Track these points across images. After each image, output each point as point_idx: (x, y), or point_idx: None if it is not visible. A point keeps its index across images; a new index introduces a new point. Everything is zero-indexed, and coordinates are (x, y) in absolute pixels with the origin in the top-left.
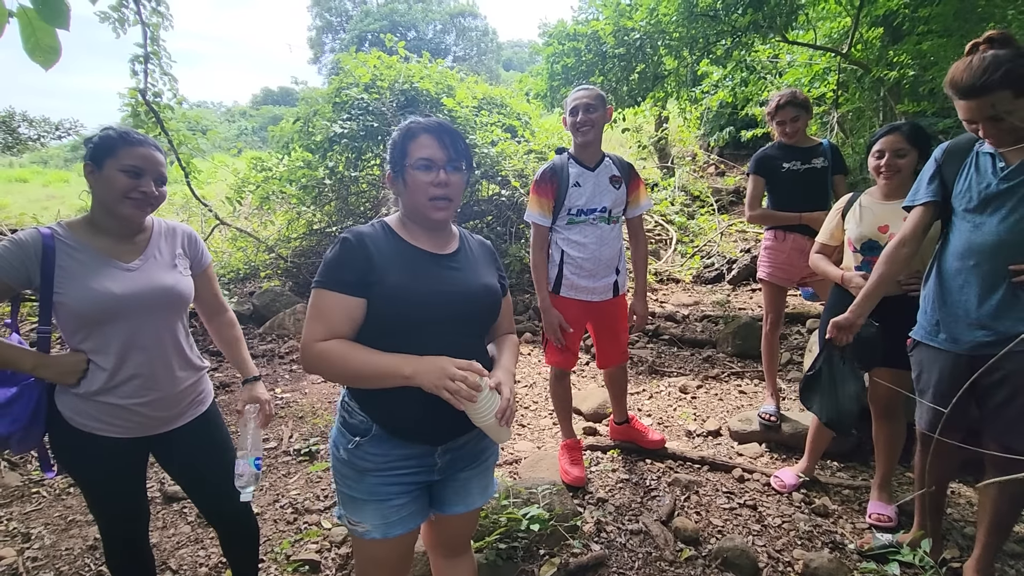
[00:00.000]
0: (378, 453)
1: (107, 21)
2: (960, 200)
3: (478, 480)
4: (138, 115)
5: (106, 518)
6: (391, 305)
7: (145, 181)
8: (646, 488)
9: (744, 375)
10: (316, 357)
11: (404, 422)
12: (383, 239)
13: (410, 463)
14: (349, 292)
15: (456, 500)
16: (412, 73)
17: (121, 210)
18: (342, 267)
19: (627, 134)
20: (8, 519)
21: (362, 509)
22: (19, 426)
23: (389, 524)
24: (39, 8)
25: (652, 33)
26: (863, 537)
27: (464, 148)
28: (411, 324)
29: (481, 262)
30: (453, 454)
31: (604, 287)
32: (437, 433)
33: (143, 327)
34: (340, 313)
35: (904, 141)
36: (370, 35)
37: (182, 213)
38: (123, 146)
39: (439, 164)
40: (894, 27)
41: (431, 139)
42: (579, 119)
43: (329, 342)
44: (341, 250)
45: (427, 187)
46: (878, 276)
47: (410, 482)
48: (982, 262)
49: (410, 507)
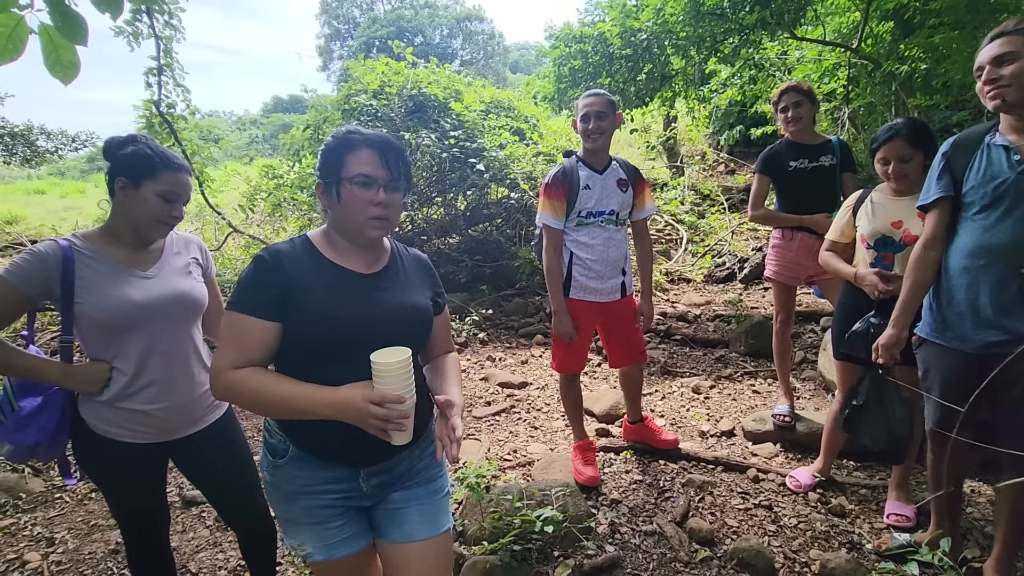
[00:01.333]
0: (300, 475)
1: (122, 35)
2: (970, 195)
3: (420, 508)
4: (152, 126)
5: (127, 522)
6: (311, 331)
7: (178, 207)
8: (660, 489)
9: (757, 375)
10: (226, 386)
11: (320, 443)
12: (304, 257)
13: (338, 486)
14: (263, 316)
15: (391, 528)
16: (420, 78)
17: (151, 233)
18: (255, 289)
19: (636, 134)
20: (32, 524)
21: (298, 531)
22: (46, 434)
23: (330, 546)
24: (59, 26)
25: (659, 33)
26: (881, 537)
27: (405, 167)
28: (334, 349)
29: (414, 279)
30: (380, 478)
31: (612, 288)
32: (355, 454)
33: (162, 333)
34: (254, 338)
35: (907, 145)
36: (378, 41)
37: (196, 221)
38: (164, 171)
39: (379, 182)
40: (905, 20)
41: (373, 155)
42: (591, 126)
43: (241, 371)
44: (255, 271)
45: (366, 205)
46: (910, 284)
47: (341, 505)
48: (994, 261)
49: (349, 528)
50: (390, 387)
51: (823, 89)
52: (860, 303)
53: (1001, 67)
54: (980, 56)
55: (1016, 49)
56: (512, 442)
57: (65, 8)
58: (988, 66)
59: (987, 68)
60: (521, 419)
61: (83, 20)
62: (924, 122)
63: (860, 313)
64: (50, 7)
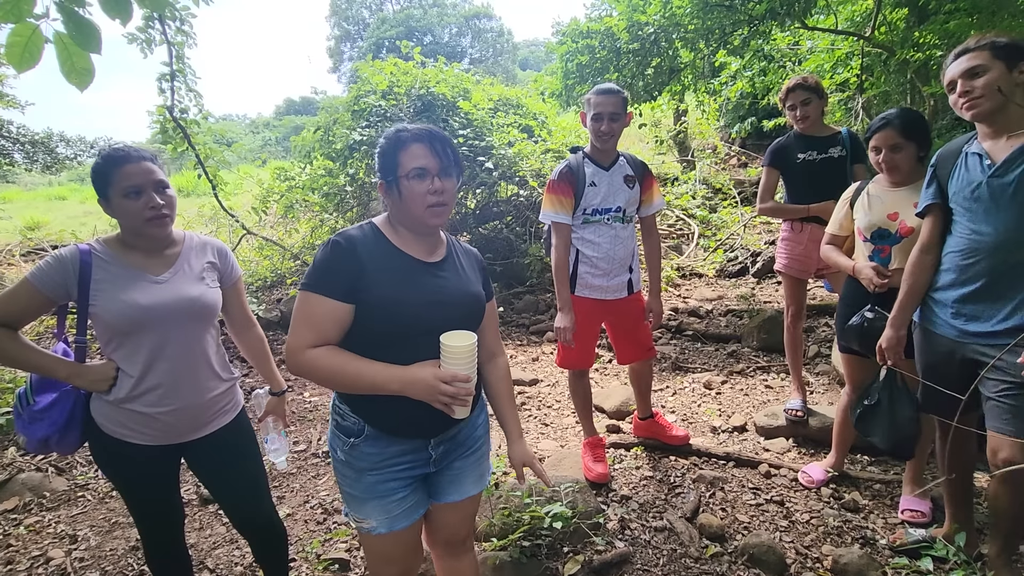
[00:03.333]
0: (374, 452)
1: (135, 42)
2: (953, 200)
3: (472, 468)
4: (166, 131)
5: (143, 520)
6: (380, 314)
7: (148, 196)
8: (670, 485)
9: (770, 369)
10: (305, 364)
11: (394, 421)
12: (373, 243)
13: (406, 458)
14: (338, 298)
15: (451, 489)
16: (428, 78)
17: (147, 231)
18: (332, 272)
19: (645, 129)
20: (56, 522)
21: (365, 506)
22: (55, 428)
23: (393, 518)
24: (73, 35)
25: (667, 27)
26: (895, 532)
27: (454, 153)
28: (400, 333)
29: (468, 270)
30: (447, 445)
31: (618, 285)
32: (428, 427)
33: (170, 337)
34: (328, 318)
35: (897, 135)
36: (387, 42)
37: (211, 224)
38: (113, 169)
39: (433, 172)
40: (920, 7)
41: (423, 148)
42: (603, 127)
43: (318, 350)
44: (331, 254)
45: (424, 196)
46: (908, 288)
47: (408, 476)
48: (976, 259)
49: (411, 499)
50: (459, 367)
51: (836, 79)
52: (860, 296)
53: (973, 79)
54: (950, 71)
55: (984, 62)
56: None
57: (78, 17)
58: (960, 80)
59: (960, 82)
60: (532, 416)
61: (96, 28)
62: (918, 113)
63: (861, 306)
64: (64, 16)
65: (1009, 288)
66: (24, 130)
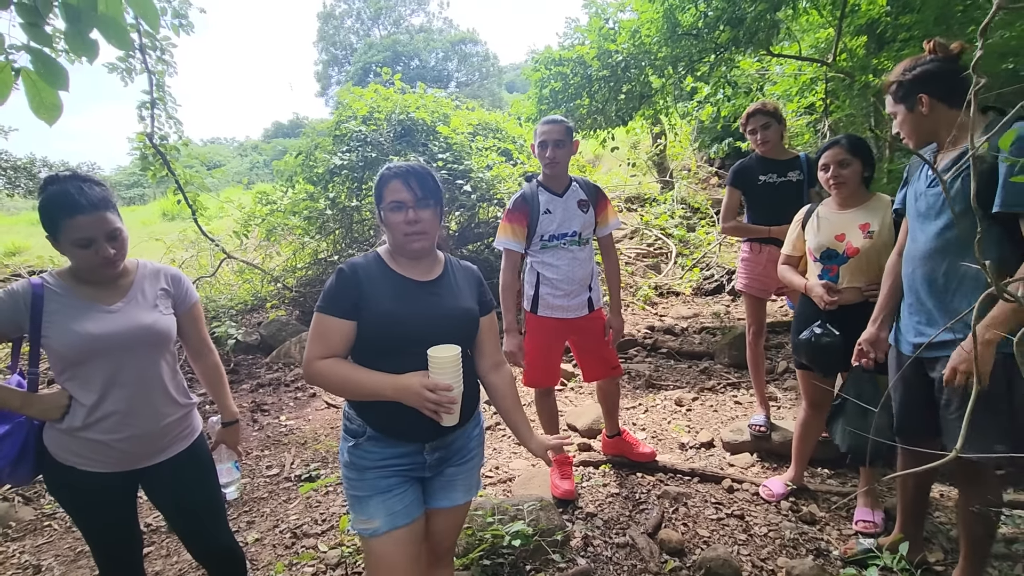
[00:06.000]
0: (375, 451)
1: (115, 72)
2: (908, 208)
3: (464, 477)
4: (146, 157)
5: (98, 548)
6: (376, 328)
7: (98, 246)
8: (635, 501)
9: (740, 385)
10: (316, 374)
11: (393, 424)
12: (374, 268)
13: (404, 460)
14: (343, 316)
15: (442, 495)
16: (408, 104)
17: (95, 276)
18: (337, 295)
19: (624, 151)
20: (21, 552)
21: (367, 505)
22: (7, 462)
23: (394, 515)
24: (41, 72)
25: (636, 55)
26: (848, 543)
27: (432, 185)
28: (395, 345)
29: (463, 287)
30: (441, 452)
31: (579, 304)
32: (422, 431)
33: (124, 365)
34: (335, 334)
35: (845, 152)
36: (374, 66)
37: (192, 248)
38: (64, 219)
39: (408, 204)
40: (878, 35)
41: (399, 183)
42: (548, 154)
43: (326, 361)
44: (337, 280)
45: (401, 225)
46: (887, 287)
47: (405, 475)
48: (918, 268)
49: (410, 495)
50: (442, 377)
51: (803, 102)
52: (813, 313)
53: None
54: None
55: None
56: (495, 459)
57: (45, 57)
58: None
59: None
60: (505, 435)
61: (63, 68)
62: (863, 138)
63: (813, 323)
64: (32, 56)
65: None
66: (6, 155)
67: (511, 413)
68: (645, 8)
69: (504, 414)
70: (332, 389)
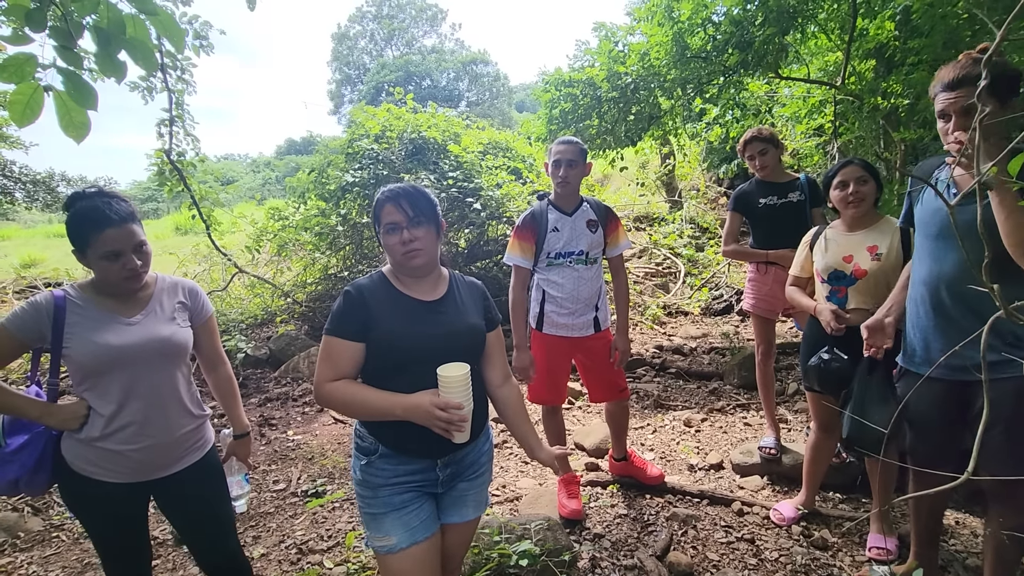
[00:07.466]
0: (387, 468)
1: (137, 90)
2: (919, 227)
3: (475, 492)
4: (163, 173)
5: (108, 559)
6: (385, 348)
7: (126, 258)
8: (644, 523)
9: (750, 407)
10: (326, 396)
11: (405, 442)
12: (380, 289)
13: (416, 476)
14: (351, 338)
15: (453, 511)
16: (420, 123)
17: (121, 289)
18: (344, 317)
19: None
20: (28, 563)
21: (383, 522)
22: (25, 471)
23: (412, 530)
24: (72, 93)
25: (645, 77)
26: (860, 570)
27: (424, 205)
28: (403, 364)
29: (468, 304)
30: (453, 467)
31: (584, 323)
32: (435, 448)
33: (141, 377)
34: (344, 356)
35: (861, 169)
36: (387, 86)
37: (204, 263)
38: (94, 233)
39: (402, 225)
40: (887, 58)
41: (392, 206)
42: (560, 173)
43: (336, 383)
44: (344, 303)
45: (396, 245)
46: (902, 282)
47: (419, 491)
48: (938, 290)
49: (426, 510)
50: (452, 395)
51: (812, 124)
52: (821, 336)
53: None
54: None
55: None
56: (502, 477)
57: (77, 78)
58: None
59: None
60: (513, 453)
61: (93, 89)
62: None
63: (821, 346)
64: (64, 77)
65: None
66: (27, 170)
67: (519, 425)
68: (654, 31)
69: (512, 427)
70: (343, 411)
